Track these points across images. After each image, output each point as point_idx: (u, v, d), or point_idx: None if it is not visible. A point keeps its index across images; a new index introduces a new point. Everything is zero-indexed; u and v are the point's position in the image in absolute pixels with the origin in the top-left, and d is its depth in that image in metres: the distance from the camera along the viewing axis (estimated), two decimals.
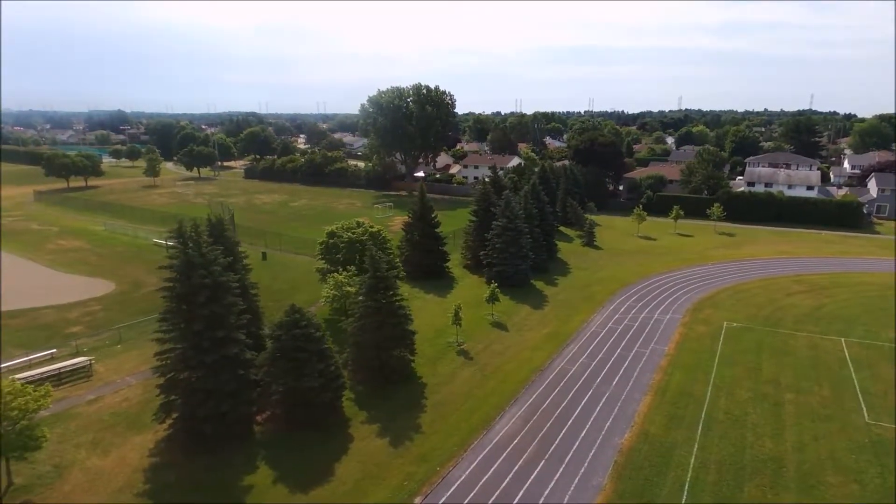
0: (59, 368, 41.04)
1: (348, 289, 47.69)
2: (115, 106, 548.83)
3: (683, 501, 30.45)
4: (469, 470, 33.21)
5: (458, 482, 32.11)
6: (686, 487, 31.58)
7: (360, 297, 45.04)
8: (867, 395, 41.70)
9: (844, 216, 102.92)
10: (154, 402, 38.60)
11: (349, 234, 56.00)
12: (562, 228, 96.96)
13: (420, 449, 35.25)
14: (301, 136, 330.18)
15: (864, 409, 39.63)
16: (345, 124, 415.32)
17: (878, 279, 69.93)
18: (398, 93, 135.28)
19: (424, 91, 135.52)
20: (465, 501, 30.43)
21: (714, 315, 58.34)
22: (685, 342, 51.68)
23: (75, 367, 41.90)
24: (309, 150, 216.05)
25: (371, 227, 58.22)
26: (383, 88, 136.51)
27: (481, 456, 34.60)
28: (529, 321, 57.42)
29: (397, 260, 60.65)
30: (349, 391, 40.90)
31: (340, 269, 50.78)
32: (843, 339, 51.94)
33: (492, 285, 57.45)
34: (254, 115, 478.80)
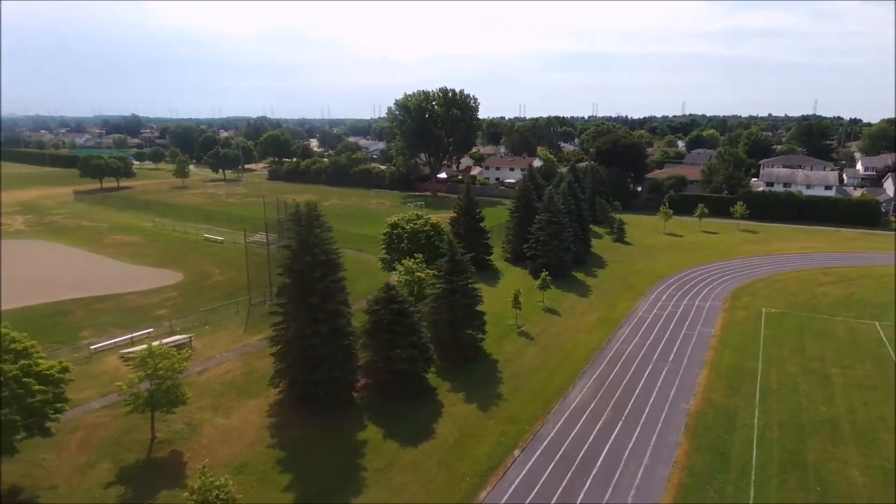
0: (166, 345, 44.59)
1: (419, 274, 51.33)
2: (118, 110, 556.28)
3: (754, 454, 33.99)
4: (555, 429, 36.85)
5: (549, 438, 35.75)
6: (754, 443, 35.15)
7: (431, 281, 49.01)
8: None
9: (863, 214, 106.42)
10: (256, 373, 42.62)
11: (411, 225, 59.75)
12: (591, 226, 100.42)
13: (507, 412, 38.90)
14: (312, 139, 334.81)
15: None
16: (356, 128, 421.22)
17: None
18: (425, 96, 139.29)
19: (451, 94, 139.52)
20: (559, 453, 34.05)
21: (752, 302, 61.90)
22: (729, 326, 55.26)
23: (178, 343, 45.58)
24: (326, 153, 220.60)
25: (429, 219, 61.99)
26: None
27: (563, 418, 38.24)
28: (578, 307, 61.08)
29: None
30: None
31: (407, 258, 54.38)
32: (877, 323, 55.49)
33: (543, 274, 61.09)
34: (265, 119, 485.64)
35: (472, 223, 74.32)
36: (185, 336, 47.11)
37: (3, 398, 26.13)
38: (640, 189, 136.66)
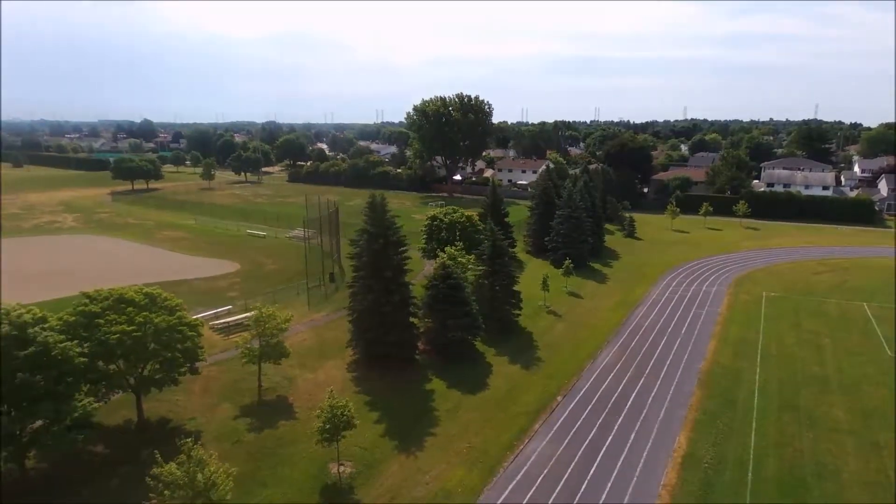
0: (248, 318, 51.74)
1: (461, 260, 58.32)
2: (122, 115, 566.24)
3: (756, 400, 40.98)
4: (589, 383, 43.93)
5: (584, 389, 42.84)
6: (756, 392, 42.19)
7: (471, 265, 56.12)
8: (888, 339, 52.25)
9: (859, 213, 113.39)
10: (327, 342, 49.90)
11: (449, 217, 66.97)
12: (603, 224, 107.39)
13: (547, 371, 45.98)
14: (319, 143, 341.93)
15: (887, 348, 50.26)
16: (364, 133, 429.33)
17: (893, 262, 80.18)
18: (442, 102, 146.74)
19: (466, 100, 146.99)
20: (594, 399, 41.10)
21: (754, 288, 68.91)
22: (734, 306, 62.28)
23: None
24: (339, 157, 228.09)
25: (464, 212, 69.17)
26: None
27: (594, 375, 45.34)
28: (598, 292, 68.15)
29: None
30: None
31: (449, 245, 61.38)
32: (865, 304, 62.46)
33: (567, 262, 68.14)
34: (274, 123, 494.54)
35: (498, 218, 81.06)
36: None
37: (162, 342, 33.22)
38: (646, 190, 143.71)
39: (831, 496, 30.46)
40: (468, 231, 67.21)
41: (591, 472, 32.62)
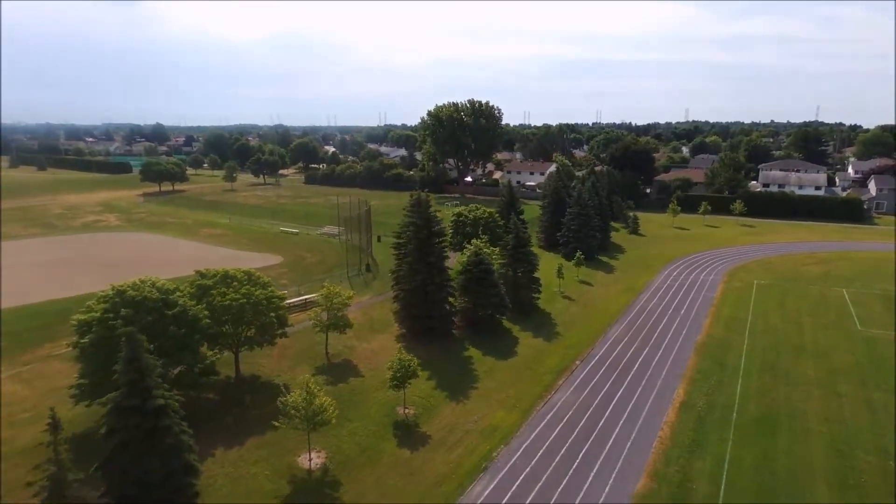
0: (306, 300, 59.86)
1: (485, 251, 66.23)
2: (124, 118, 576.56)
3: (742, 363, 48.92)
4: (602, 350, 51.94)
5: (598, 355, 50.85)
6: (743, 357, 50.14)
7: (495, 256, 64.03)
8: (860, 318, 60.18)
9: (848, 211, 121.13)
10: (375, 319, 57.99)
11: (474, 214, 75.02)
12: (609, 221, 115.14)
13: (565, 343, 53.97)
14: (326, 146, 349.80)
15: (858, 323, 58.21)
16: (372, 136, 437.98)
17: (875, 255, 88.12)
18: (454, 107, 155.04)
19: (477, 105, 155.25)
20: (607, 363, 49.08)
21: (746, 277, 76.80)
22: (727, 291, 70.19)
23: (311, 300, 60.64)
24: (349, 160, 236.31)
25: (487, 209, 77.21)
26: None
27: (607, 345, 53.32)
28: (606, 280, 76.10)
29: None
30: None
31: (475, 238, 69.23)
32: (844, 290, 70.33)
33: (577, 254, 76.08)
34: (282, 126, 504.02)
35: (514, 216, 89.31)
36: (314, 295, 62.09)
37: (260, 311, 41.23)
38: (649, 190, 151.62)
39: (798, 428, 38.40)
40: (490, 226, 75.14)
41: (607, 413, 40.60)
